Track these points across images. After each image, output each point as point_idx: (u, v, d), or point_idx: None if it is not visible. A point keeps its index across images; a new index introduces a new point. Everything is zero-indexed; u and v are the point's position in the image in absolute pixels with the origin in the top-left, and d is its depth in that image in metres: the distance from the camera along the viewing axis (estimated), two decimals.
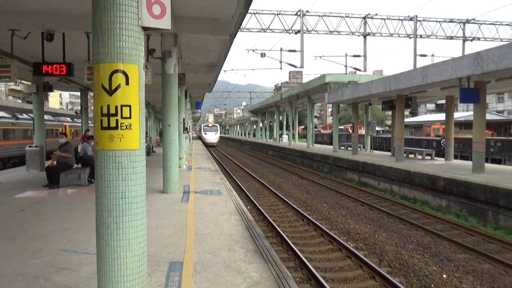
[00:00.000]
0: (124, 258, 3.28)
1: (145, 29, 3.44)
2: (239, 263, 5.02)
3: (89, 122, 23.71)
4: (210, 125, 58.62)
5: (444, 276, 7.15)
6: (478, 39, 26.23)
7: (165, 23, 3.48)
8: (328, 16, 24.71)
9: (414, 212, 12.92)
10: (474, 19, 26.16)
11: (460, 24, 26.25)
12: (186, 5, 9.03)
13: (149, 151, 24.31)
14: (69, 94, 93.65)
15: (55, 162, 10.95)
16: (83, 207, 8.24)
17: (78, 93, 23.04)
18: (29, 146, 15.15)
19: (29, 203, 8.65)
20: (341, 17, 24.81)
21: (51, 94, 19.87)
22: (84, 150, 12.15)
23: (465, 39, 26.25)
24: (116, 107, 3.23)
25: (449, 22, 25.95)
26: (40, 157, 14.97)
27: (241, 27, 10.31)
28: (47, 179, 10.92)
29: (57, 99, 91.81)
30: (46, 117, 20.83)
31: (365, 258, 7.54)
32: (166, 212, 7.91)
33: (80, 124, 23.05)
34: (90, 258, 4.89)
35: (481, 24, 26.24)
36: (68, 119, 37.34)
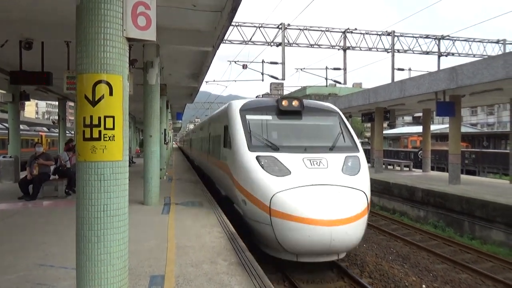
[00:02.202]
0: (105, 273, 3.20)
1: (129, 40, 3.43)
2: (222, 276, 4.97)
3: (67, 132, 23.20)
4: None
5: (424, 286, 7.27)
6: (453, 54, 27.14)
7: (150, 34, 3.49)
8: (309, 29, 25.14)
9: (393, 223, 13.12)
10: (448, 36, 27.11)
11: (436, 40, 27.14)
12: (169, 16, 9.04)
13: (129, 162, 23.91)
14: (46, 103, 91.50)
15: (35, 172, 10.56)
16: (61, 220, 8.01)
17: (56, 103, 22.54)
18: (3, 157, 14.67)
19: (3, 216, 8.34)
20: (322, 31, 25.28)
21: (27, 103, 19.35)
22: (62, 160, 11.82)
23: (440, 55, 27.12)
24: (99, 118, 3.19)
25: (425, 38, 26.80)
26: (15, 168, 14.51)
27: (223, 38, 10.38)
28: (22, 190, 10.55)
29: (33, 108, 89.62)
30: (21, 126, 20.26)
31: (347, 269, 7.58)
32: (146, 224, 7.77)
33: (57, 134, 22.50)
34: (68, 273, 4.74)
35: (455, 40, 27.21)
36: (45, 129, 36.45)
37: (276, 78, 25.64)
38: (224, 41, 20.53)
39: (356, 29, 25.71)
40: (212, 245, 6.38)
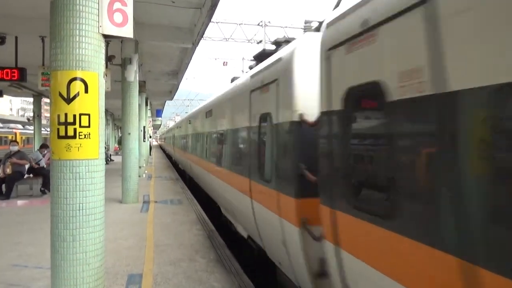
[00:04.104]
0: (80, 272, 3.18)
1: (106, 36, 3.40)
2: (200, 274, 4.98)
3: (42, 129, 22.64)
4: None
5: None
6: None
7: (127, 31, 3.46)
8: (290, 27, 25.30)
9: None
10: None
11: None
12: (148, 12, 8.94)
13: (107, 160, 23.55)
14: (21, 100, 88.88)
15: (8, 170, 10.29)
16: (36, 219, 7.83)
17: (31, 99, 21.95)
18: None
19: None
20: (302, 29, 25.49)
21: (0, 99, 18.79)
22: (36, 159, 11.50)
23: None
24: (74, 115, 3.15)
25: None
26: None
27: (203, 35, 10.34)
28: None
29: (7, 105, 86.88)
30: None
31: None
32: (125, 222, 7.69)
33: (32, 132, 21.93)
34: (43, 273, 4.66)
35: None
36: (19, 126, 35.41)
37: None
38: (204, 38, 20.44)
39: None
40: (191, 243, 6.37)
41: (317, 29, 4.22)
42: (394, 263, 2.06)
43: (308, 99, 3.46)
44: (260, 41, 24.91)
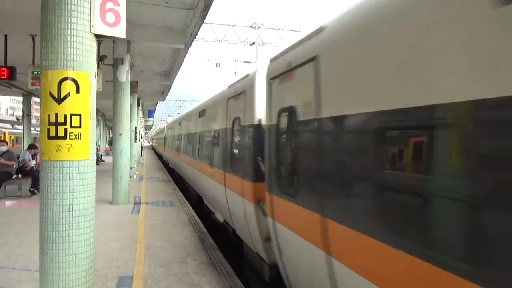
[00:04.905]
0: (70, 274, 3.13)
1: (98, 36, 3.36)
2: (191, 276, 4.95)
3: (32, 129, 22.35)
4: None
5: None
6: None
7: (119, 31, 3.43)
8: (283, 30, 25.36)
9: None
10: None
11: None
12: (141, 13, 8.89)
13: (97, 161, 23.33)
14: (10, 99, 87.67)
15: None
16: (24, 220, 7.72)
17: (20, 98, 21.66)
18: None
19: None
20: (296, 31, 25.55)
21: None
22: (24, 159, 11.30)
23: None
24: (65, 116, 3.11)
25: None
26: None
27: (196, 36, 10.30)
28: None
29: None
30: None
31: None
32: (115, 224, 7.62)
33: (22, 131, 21.65)
34: (32, 275, 4.59)
35: None
36: (8, 125, 34.91)
37: None
38: (197, 39, 20.41)
39: None
40: (182, 245, 6.33)
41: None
42: (301, 226, 3.21)
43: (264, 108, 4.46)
44: (253, 43, 24.93)
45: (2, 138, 23.53)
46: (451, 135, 1.75)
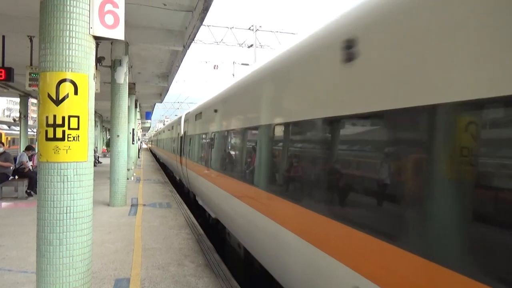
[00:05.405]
0: (67, 277, 3.12)
1: (96, 38, 3.36)
2: (189, 278, 4.94)
3: (29, 130, 22.27)
4: None
5: None
6: None
7: (118, 33, 3.43)
8: (281, 32, 25.40)
9: None
10: None
11: None
12: (139, 15, 8.89)
13: (95, 162, 23.23)
14: (7, 100, 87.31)
15: None
16: (21, 221, 7.68)
17: (17, 99, 21.59)
18: None
19: None
20: (293, 34, 25.60)
21: None
22: (21, 161, 11.27)
23: None
24: (63, 117, 3.10)
25: None
26: None
27: (194, 39, 10.31)
28: None
29: None
30: None
31: None
32: (112, 226, 7.59)
33: (18, 132, 21.57)
34: (28, 277, 4.56)
35: None
36: (5, 126, 34.77)
37: None
38: (195, 41, 20.40)
39: None
40: (179, 247, 6.32)
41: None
42: (196, 168, 9.25)
43: (186, 129, 11.56)
44: (251, 45, 24.96)
45: None
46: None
